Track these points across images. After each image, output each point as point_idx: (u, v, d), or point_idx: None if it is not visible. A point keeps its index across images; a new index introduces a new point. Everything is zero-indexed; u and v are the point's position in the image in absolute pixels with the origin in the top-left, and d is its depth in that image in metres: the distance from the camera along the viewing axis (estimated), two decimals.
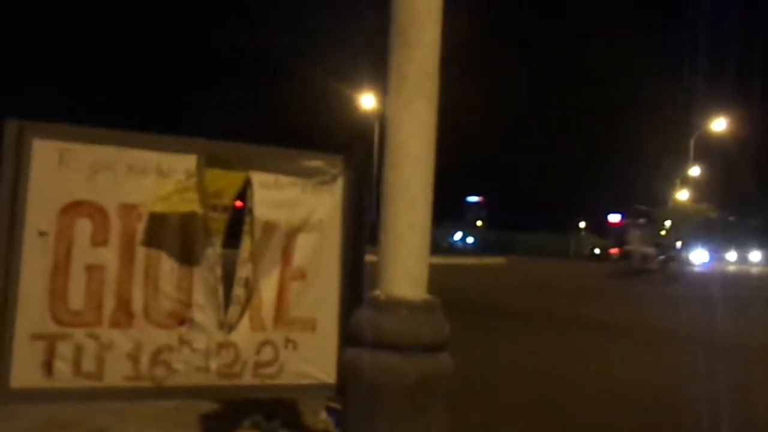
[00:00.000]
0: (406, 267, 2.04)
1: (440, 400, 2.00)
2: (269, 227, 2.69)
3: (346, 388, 2.10)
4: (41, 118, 2.56)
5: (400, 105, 2.07)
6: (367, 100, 29.37)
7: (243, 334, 2.65)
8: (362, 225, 2.80)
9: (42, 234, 2.43)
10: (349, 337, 2.13)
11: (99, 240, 2.49)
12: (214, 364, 2.61)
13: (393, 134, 2.08)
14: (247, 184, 2.69)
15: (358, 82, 29.48)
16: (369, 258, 2.83)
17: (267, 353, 2.67)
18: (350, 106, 30.20)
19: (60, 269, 2.44)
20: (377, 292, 2.08)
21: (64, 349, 2.44)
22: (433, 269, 2.17)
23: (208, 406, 3.97)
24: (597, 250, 66.36)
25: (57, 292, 2.44)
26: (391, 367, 1.93)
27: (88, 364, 2.47)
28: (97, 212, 2.49)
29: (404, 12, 2.07)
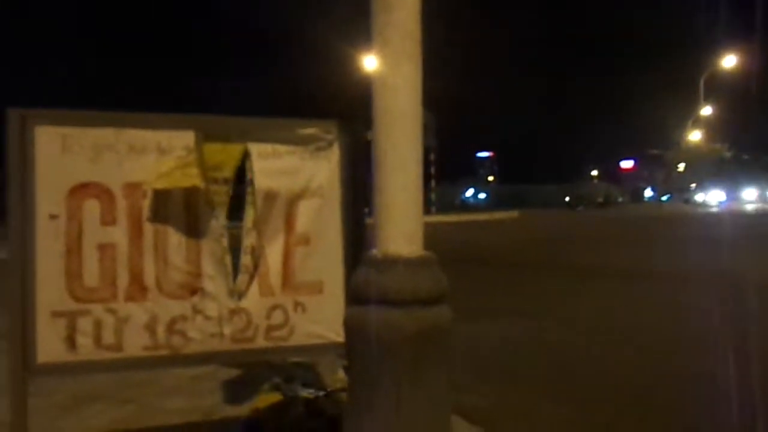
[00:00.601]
0: (400, 225, 2.11)
1: (440, 352, 2.10)
2: (270, 196, 2.77)
3: (348, 344, 2.20)
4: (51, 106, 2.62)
5: (384, 67, 2.12)
6: (370, 62, 29.04)
7: (253, 300, 2.76)
8: (360, 188, 2.86)
9: (53, 217, 2.52)
10: (349, 295, 2.23)
11: (108, 219, 2.58)
12: (227, 330, 2.72)
13: (380, 96, 2.13)
14: (246, 156, 2.76)
15: (362, 44, 29.17)
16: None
17: (277, 317, 2.78)
18: (355, 69, 29.92)
19: (73, 249, 2.54)
20: (374, 251, 2.16)
21: (84, 324, 2.56)
22: (446, 227, 2.25)
23: (228, 373, 4.13)
24: (567, 198, 66.68)
25: (72, 271, 2.54)
26: (391, 322, 2.02)
27: (108, 337, 2.59)
28: (103, 193, 2.58)
29: None
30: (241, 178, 2.78)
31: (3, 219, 2.51)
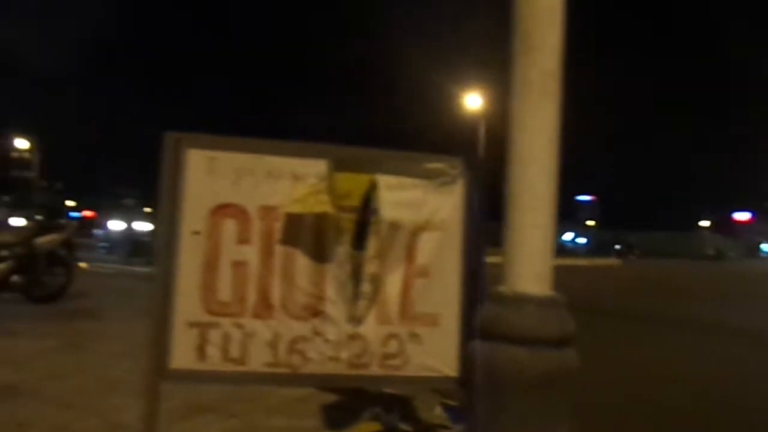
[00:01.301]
0: (531, 264, 2.11)
1: (565, 395, 2.05)
2: (394, 227, 2.83)
3: (472, 380, 2.19)
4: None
5: (524, 107, 2.15)
6: (473, 100, 29.22)
7: (370, 327, 2.81)
8: (481, 224, 2.88)
9: (195, 233, 2.72)
10: (475, 330, 2.22)
11: (243, 238, 2.74)
12: (344, 354, 2.79)
13: (517, 135, 2.15)
14: (373, 186, 2.85)
15: (464, 82, 29.43)
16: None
17: (393, 346, 2.82)
18: (455, 106, 30.17)
19: (210, 265, 2.72)
20: (502, 287, 2.16)
21: (214, 336, 2.71)
22: None
23: (330, 398, 4.20)
24: (618, 246, 61.51)
25: (208, 286, 2.71)
26: (518, 360, 2.00)
27: (234, 351, 2.72)
28: (240, 213, 2.74)
29: (527, 16, 2.15)
30: (366, 206, 2.87)
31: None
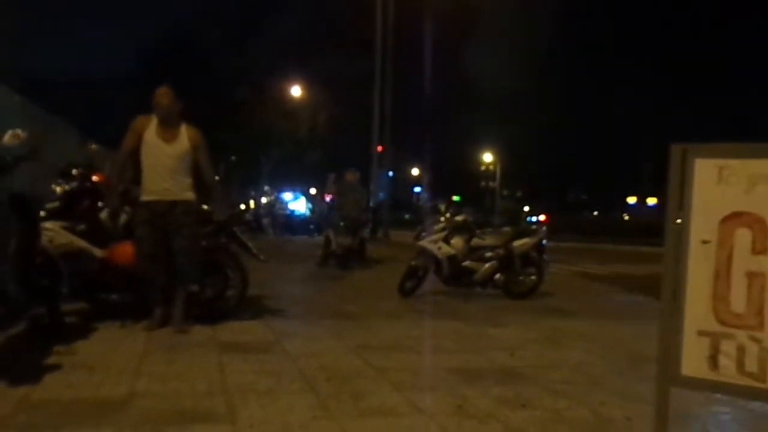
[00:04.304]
0: None
1: None
2: None
3: None
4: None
5: None
6: None
7: None
8: None
9: (705, 242, 2.72)
10: None
11: (760, 248, 2.61)
12: None
13: None
14: None
15: None
16: None
17: None
18: None
19: (721, 274, 2.67)
20: None
21: (727, 347, 2.65)
22: None
23: None
24: None
25: (719, 295, 2.67)
26: None
27: (751, 365, 2.60)
28: (756, 222, 2.61)
29: None
30: None
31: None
